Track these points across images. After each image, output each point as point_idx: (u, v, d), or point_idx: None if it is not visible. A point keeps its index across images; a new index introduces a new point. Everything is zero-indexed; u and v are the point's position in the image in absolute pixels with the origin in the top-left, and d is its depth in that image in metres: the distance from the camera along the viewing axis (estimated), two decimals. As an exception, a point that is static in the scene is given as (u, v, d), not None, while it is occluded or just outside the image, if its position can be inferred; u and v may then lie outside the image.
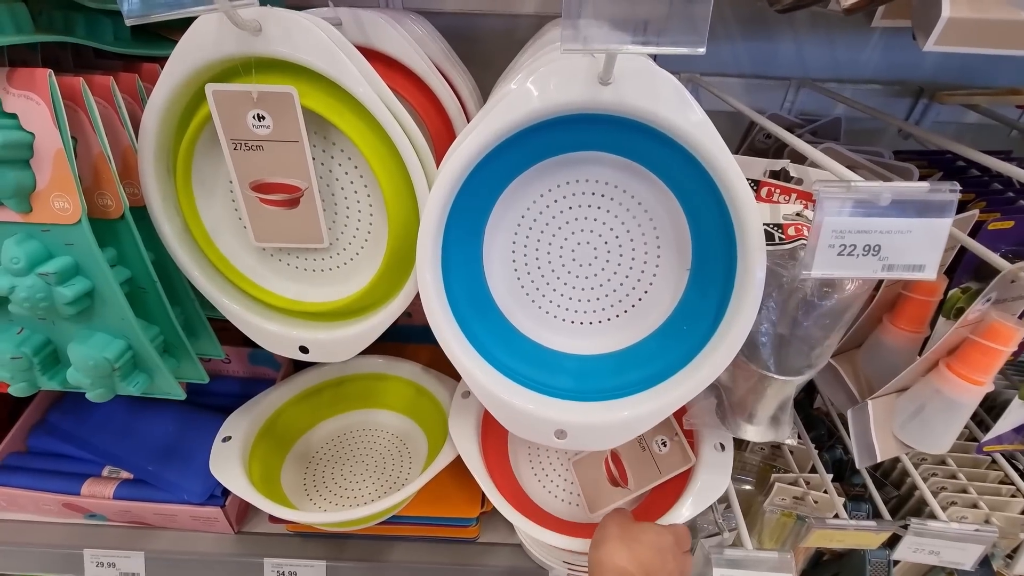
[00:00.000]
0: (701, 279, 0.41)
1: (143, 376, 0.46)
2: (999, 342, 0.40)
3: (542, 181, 0.41)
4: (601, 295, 0.45)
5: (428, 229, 0.39)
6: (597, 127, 0.37)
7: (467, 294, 0.43)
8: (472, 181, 0.39)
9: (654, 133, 0.36)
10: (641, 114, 0.35)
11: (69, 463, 0.66)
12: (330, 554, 0.62)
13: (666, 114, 0.34)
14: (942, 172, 0.63)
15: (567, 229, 0.43)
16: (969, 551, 0.52)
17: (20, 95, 0.34)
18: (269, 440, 0.62)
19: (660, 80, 0.34)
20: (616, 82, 0.34)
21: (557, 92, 0.34)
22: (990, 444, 0.53)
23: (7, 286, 0.37)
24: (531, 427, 0.44)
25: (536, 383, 0.45)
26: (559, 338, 0.46)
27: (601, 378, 0.45)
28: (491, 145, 0.37)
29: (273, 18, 0.34)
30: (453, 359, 0.43)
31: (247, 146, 0.39)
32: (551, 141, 0.38)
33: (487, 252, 0.43)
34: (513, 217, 0.42)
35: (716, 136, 0.35)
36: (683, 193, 0.40)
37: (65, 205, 0.36)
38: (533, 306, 0.45)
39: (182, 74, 0.37)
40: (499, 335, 0.45)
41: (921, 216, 0.30)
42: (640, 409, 0.43)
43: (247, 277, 0.46)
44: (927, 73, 0.74)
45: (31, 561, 0.62)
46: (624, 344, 0.45)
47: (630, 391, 0.44)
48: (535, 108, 0.35)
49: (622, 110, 0.35)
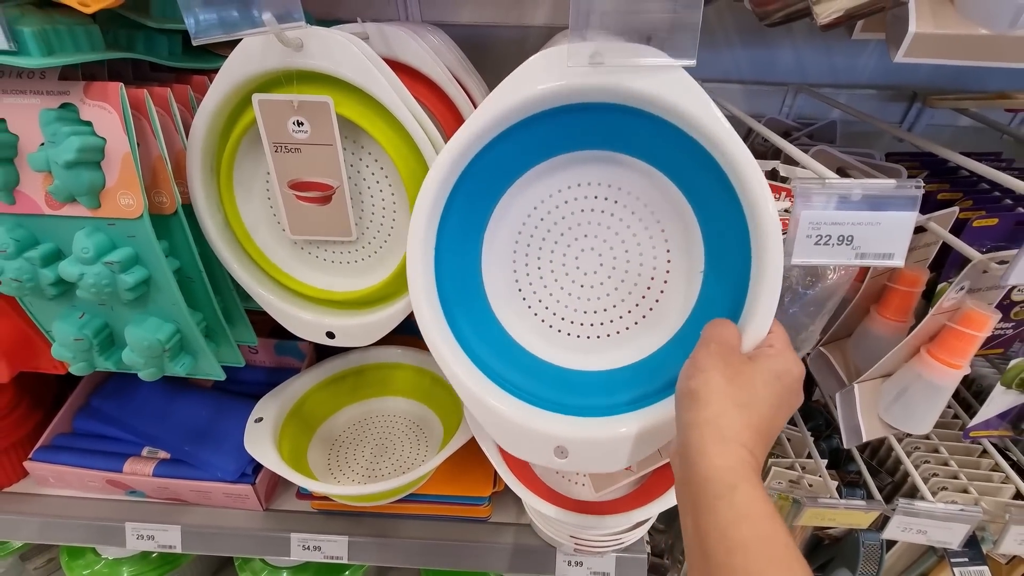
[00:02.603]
0: (714, 283, 0.39)
1: (188, 358, 0.51)
2: (974, 328, 0.44)
3: (542, 184, 0.40)
4: (608, 306, 0.42)
5: (421, 218, 0.37)
6: (601, 122, 0.36)
7: (462, 301, 0.42)
8: (471, 177, 0.38)
9: (664, 127, 0.35)
10: (647, 100, 0.34)
11: (111, 444, 0.71)
12: (351, 530, 0.66)
13: (675, 101, 0.34)
14: (928, 172, 0.66)
15: (570, 235, 0.41)
16: (955, 530, 0.55)
17: (95, 105, 0.39)
18: (296, 422, 0.66)
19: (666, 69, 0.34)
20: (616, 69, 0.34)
21: (560, 75, 0.34)
22: (976, 429, 0.56)
23: (77, 273, 0.42)
24: (528, 443, 0.40)
25: (534, 397, 0.41)
26: (565, 354, 0.43)
27: (610, 394, 0.42)
28: (492, 127, 0.36)
29: (314, 36, 0.39)
30: (440, 360, 0.41)
31: (287, 149, 0.44)
32: (553, 136, 0.37)
33: (486, 258, 0.42)
34: (514, 222, 0.41)
35: (730, 129, 0.34)
36: (693, 193, 0.38)
37: (130, 202, 0.41)
38: (535, 319, 0.43)
39: (230, 85, 0.42)
40: (499, 349, 0.43)
41: (889, 210, 0.34)
42: (648, 422, 0.39)
43: (280, 268, 0.51)
44: (922, 78, 0.77)
45: (78, 533, 0.68)
46: (634, 359, 0.42)
47: (639, 405, 0.40)
48: (536, 92, 0.34)
49: (623, 97, 0.34)
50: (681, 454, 0.32)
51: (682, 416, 0.33)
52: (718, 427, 0.30)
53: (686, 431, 0.32)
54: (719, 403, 0.31)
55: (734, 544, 0.27)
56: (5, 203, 0.42)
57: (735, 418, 0.31)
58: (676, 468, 0.33)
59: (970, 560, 0.61)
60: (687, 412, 0.32)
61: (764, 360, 0.34)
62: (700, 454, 0.30)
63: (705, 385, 0.32)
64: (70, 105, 0.39)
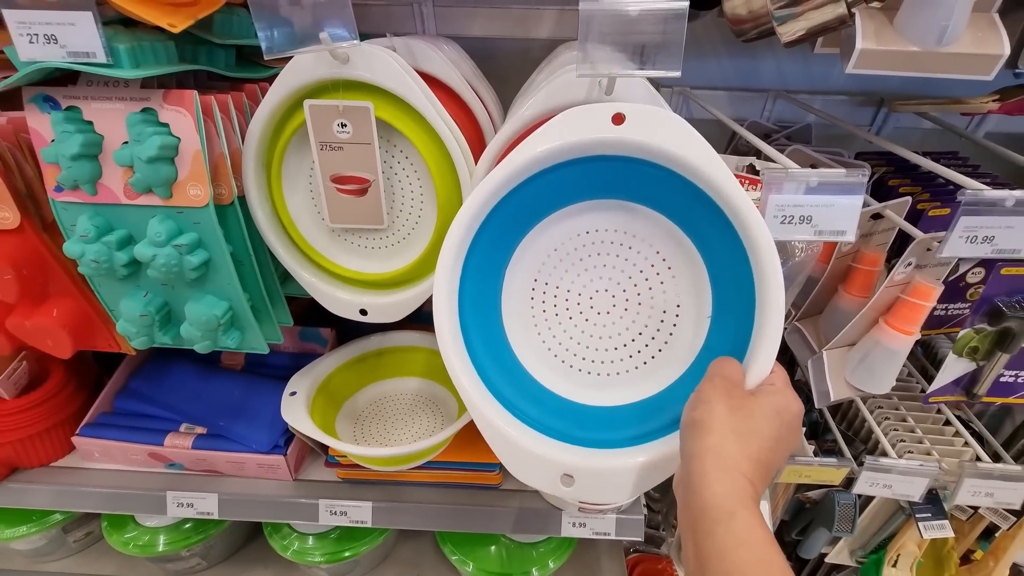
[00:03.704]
0: (720, 325, 0.42)
1: (238, 332, 0.57)
2: (922, 299, 0.51)
3: (561, 226, 0.43)
4: (619, 344, 0.45)
5: (451, 251, 0.40)
6: (616, 173, 0.39)
7: (482, 331, 0.44)
8: (499, 215, 0.41)
9: (676, 180, 0.38)
10: (656, 153, 0.38)
11: (151, 421, 0.77)
12: (374, 496, 0.73)
13: (681, 153, 0.37)
14: (894, 169, 0.73)
15: (586, 276, 0.43)
16: (916, 483, 0.62)
17: (172, 109, 0.46)
18: (325, 398, 0.73)
19: (673, 122, 0.38)
20: (633, 123, 0.38)
21: (578, 130, 0.37)
22: (935, 395, 0.64)
23: (151, 254, 0.49)
24: (535, 470, 0.42)
25: (543, 426, 0.43)
26: (575, 389, 0.45)
27: (617, 428, 0.43)
28: (520, 172, 0.39)
29: (359, 51, 0.46)
30: (456, 382, 0.43)
31: (331, 147, 0.50)
32: (571, 185, 0.41)
33: (506, 291, 0.44)
34: (533, 261, 0.44)
35: (730, 175, 0.38)
36: (702, 241, 0.41)
37: (198, 192, 0.48)
38: (549, 354, 0.45)
39: (284, 92, 0.49)
40: (512, 378, 0.45)
41: (841, 194, 0.41)
42: (652, 456, 0.41)
43: (320, 253, 0.58)
44: (892, 86, 0.85)
45: (123, 502, 0.73)
46: (641, 396, 0.44)
47: (644, 440, 0.42)
48: (556, 146, 0.38)
49: (639, 151, 0.38)
50: (684, 482, 0.33)
51: (686, 445, 0.34)
52: (719, 455, 0.32)
53: (689, 460, 0.33)
54: (721, 432, 0.33)
55: (732, 568, 0.28)
56: (88, 194, 0.49)
57: (736, 447, 0.32)
58: (679, 496, 0.34)
59: (932, 515, 0.68)
60: (690, 441, 0.34)
61: (765, 396, 0.36)
62: (701, 481, 0.31)
63: (708, 415, 0.34)
64: (150, 109, 0.46)
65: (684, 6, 0.38)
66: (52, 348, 0.60)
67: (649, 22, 0.40)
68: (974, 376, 0.61)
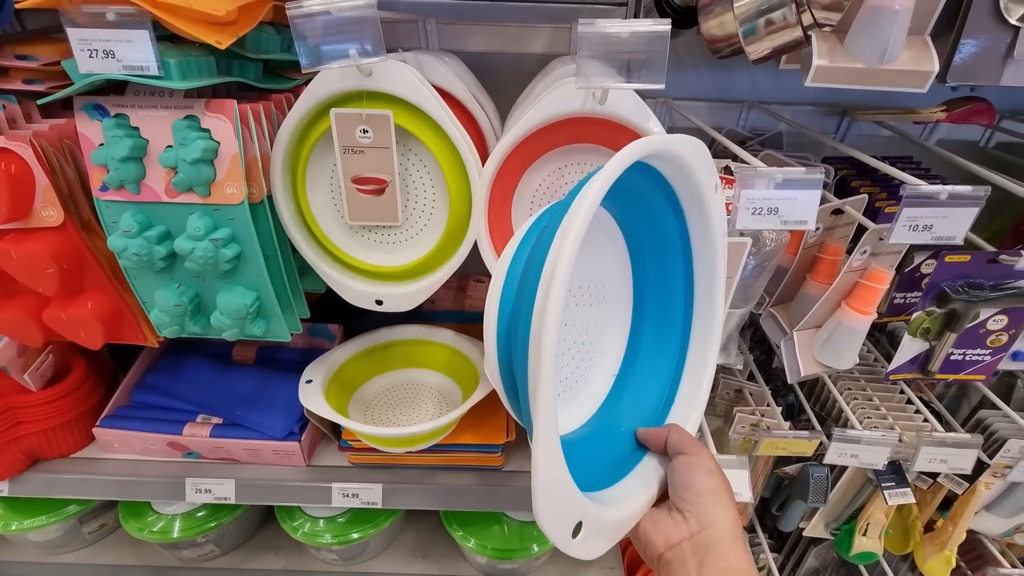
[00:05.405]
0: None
1: (263, 322, 0.62)
2: (878, 282, 0.58)
3: None
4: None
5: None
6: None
7: None
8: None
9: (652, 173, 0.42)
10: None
11: (168, 412, 0.80)
12: (384, 479, 0.77)
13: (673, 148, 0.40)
14: (857, 171, 0.81)
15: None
16: (879, 452, 0.69)
17: (212, 116, 0.51)
18: (338, 385, 0.78)
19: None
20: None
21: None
22: (894, 373, 0.71)
23: (189, 247, 0.54)
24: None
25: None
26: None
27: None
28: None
29: (381, 66, 0.52)
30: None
31: (353, 151, 0.56)
32: None
33: None
34: None
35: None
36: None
37: (234, 191, 0.53)
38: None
39: (312, 102, 0.54)
40: None
41: (802, 189, 0.48)
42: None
43: (339, 247, 0.63)
44: (852, 97, 0.93)
45: (144, 490, 0.77)
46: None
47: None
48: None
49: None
50: (702, 544, 0.38)
51: (711, 511, 0.39)
52: (739, 526, 0.39)
53: (718, 527, 0.38)
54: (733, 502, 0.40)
55: None
56: (132, 193, 0.54)
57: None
58: (684, 551, 0.38)
59: (896, 484, 0.75)
60: (718, 509, 0.39)
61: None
62: (732, 547, 0.37)
63: (727, 486, 0.40)
64: (193, 116, 0.51)
65: (667, 27, 0.45)
66: (84, 339, 0.64)
67: (637, 41, 0.46)
68: (928, 355, 0.68)
